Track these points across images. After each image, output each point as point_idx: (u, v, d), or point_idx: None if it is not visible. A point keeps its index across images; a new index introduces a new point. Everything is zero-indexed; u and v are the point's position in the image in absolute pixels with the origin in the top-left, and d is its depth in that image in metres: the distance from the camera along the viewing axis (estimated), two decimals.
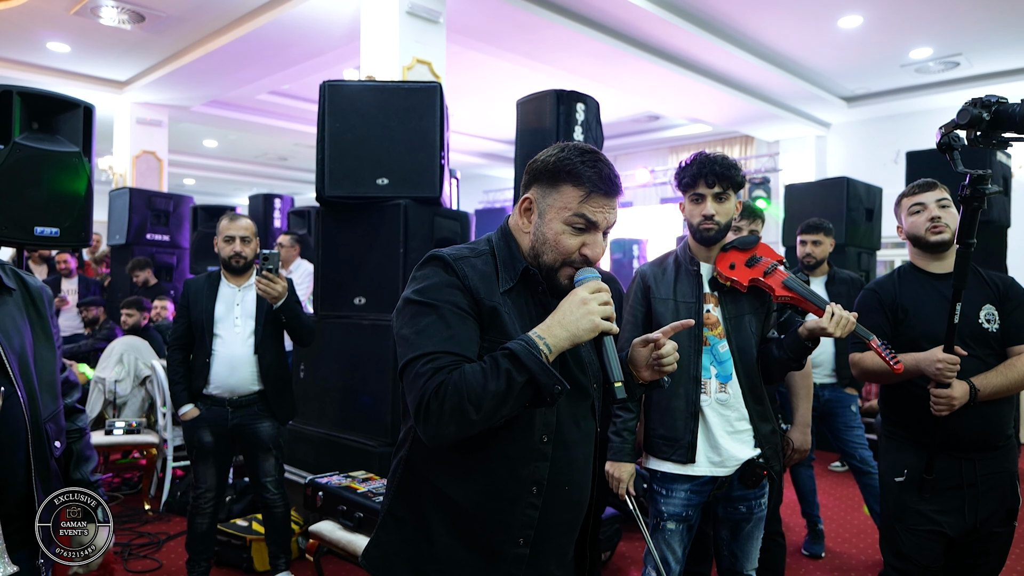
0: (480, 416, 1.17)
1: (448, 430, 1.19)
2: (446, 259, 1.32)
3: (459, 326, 1.26)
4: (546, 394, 1.19)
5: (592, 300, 1.24)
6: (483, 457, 1.30)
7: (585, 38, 6.89)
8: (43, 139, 3.36)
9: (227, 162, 14.87)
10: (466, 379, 1.18)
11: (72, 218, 3.43)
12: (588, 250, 1.32)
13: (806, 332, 2.03)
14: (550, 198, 1.34)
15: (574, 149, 1.34)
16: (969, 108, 1.84)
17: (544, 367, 1.18)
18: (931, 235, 2.25)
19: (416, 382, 1.21)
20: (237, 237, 3.17)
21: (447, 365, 1.20)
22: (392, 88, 3.82)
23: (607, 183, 1.31)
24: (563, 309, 1.25)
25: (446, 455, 1.30)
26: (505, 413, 1.20)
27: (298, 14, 6.46)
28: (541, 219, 1.34)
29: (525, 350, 1.19)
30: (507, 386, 1.17)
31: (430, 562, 1.31)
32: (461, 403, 1.16)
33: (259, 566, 3.49)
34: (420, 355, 1.23)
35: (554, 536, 1.35)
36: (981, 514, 2.16)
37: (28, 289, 1.57)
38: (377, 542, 1.39)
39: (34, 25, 7.08)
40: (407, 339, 1.27)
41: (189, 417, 3.11)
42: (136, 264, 6.43)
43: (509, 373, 1.17)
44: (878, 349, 2.01)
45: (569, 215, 1.31)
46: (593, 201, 1.30)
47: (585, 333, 1.23)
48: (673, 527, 2.17)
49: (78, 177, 3.44)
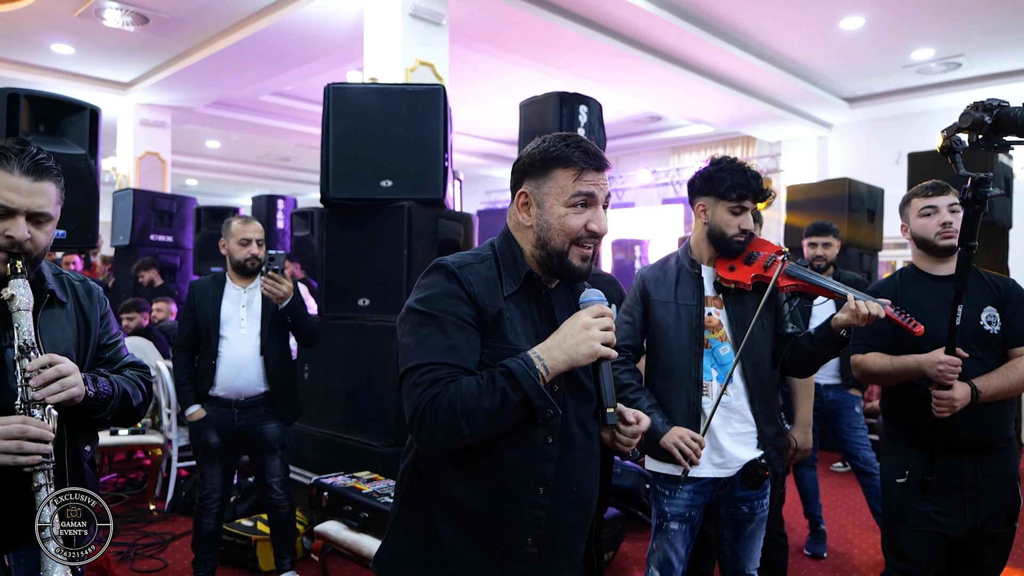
0: (472, 431, 1.21)
1: (440, 441, 1.23)
2: (450, 268, 1.33)
3: (458, 337, 1.29)
4: (539, 416, 1.24)
5: (595, 325, 1.27)
6: (489, 459, 1.32)
7: (587, 39, 6.91)
8: (50, 142, 3.37)
9: (230, 163, 14.91)
10: (461, 394, 1.21)
11: (79, 220, 3.45)
12: (593, 225, 1.35)
13: (837, 325, 2.00)
14: (545, 187, 1.37)
15: (555, 137, 1.39)
16: (971, 112, 1.85)
17: (539, 390, 1.22)
18: (941, 240, 2.26)
19: (413, 392, 1.25)
20: (254, 240, 3.20)
21: (444, 377, 1.24)
22: (396, 91, 3.84)
23: (595, 158, 1.36)
24: (564, 331, 1.28)
25: (452, 458, 1.32)
26: (498, 429, 1.24)
27: (301, 16, 6.49)
28: (541, 208, 1.37)
29: (523, 370, 1.22)
30: (501, 404, 1.21)
31: (440, 565, 1.33)
32: (454, 417, 1.20)
33: (264, 566, 3.51)
34: (418, 365, 1.26)
35: (562, 537, 1.37)
36: (982, 515, 2.18)
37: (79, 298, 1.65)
38: (388, 546, 1.41)
39: (38, 27, 7.12)
40: (407, 348, 1.30)
41: (196, 418, 3.13)
42: (141, 264, 6.46)
43: (504, 392, 1.21)
44: (893, 315, 1.99)
45: (568, 196, 1.35)
46: (586, 177, 1.35)
47: (583, 358, 1.26)
48: (676, 527, 2.18)
49: (85, 179, 3.46)
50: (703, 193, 2.19)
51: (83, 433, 1.60)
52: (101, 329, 1.70)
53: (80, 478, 1.55)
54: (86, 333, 1.64)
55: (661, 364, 2.22)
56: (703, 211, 2.20)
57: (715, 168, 2.16)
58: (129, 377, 1.69)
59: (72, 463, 1.54)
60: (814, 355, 2.12)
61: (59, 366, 1.43)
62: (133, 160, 9.36)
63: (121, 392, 1.62)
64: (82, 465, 1.58)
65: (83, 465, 1.59)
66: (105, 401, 1.57)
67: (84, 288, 1.68)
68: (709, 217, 2.18)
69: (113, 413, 1.60)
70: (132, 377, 1.70)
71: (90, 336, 1.65)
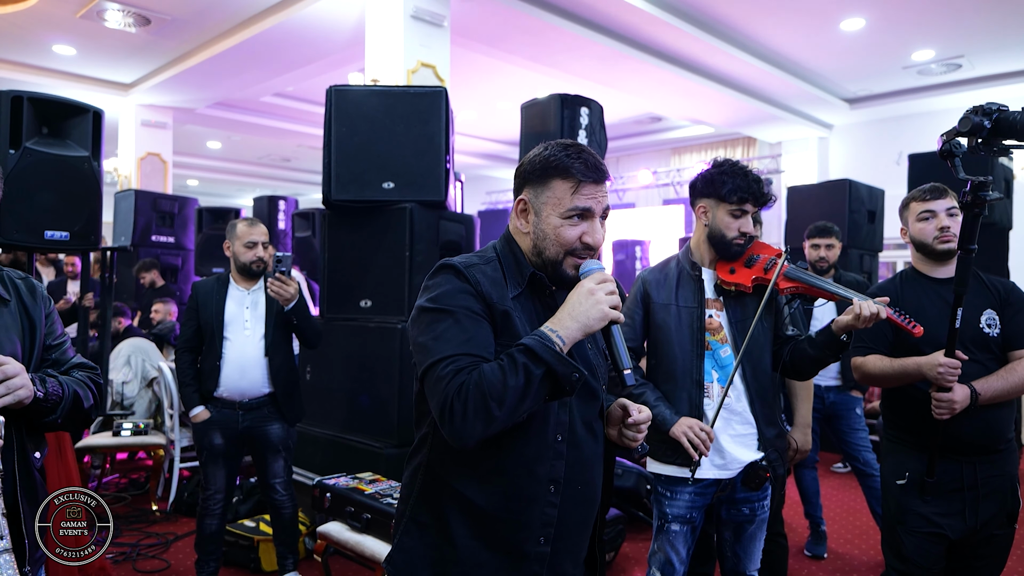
0: (503, 412, 1.20)
1: (474, 429, 1.21)
2: (458, 267, 1.35)
3: (475, 329, 1.29)
4: (565, 383, 1.22)
5: (599, 290, 1.28)
6: (501, 458, 1.33)
7: (588, 41, 6.92)
8: (53, 144, 3.39)
9: (231, 163, 14.92)
10: (486, 377, 1.20)
11: (82, 222, 3.47)
12: (588, 238, 1.36)
13: (839, 328, 2.02)
14: (543, 196, 1.38)
15: (557, 146, 1.39)
16: (970, 116, 1.86)
17: (560, 357, 1.21)
18: (939, 244, 2.27)
19: (438, 386, 1.24)
20: (259, 243, 3.21)
21: (467, 366, 1.23)
22: (398, 93, 3.85)
23: (594, 171, 1.36)
24: (571, 301, 1.28)
25: (465, 458, 1.33)
26: (527, 407, 1.23)
27: (303, 17, 6.50)
28: (538, 217, 1.38)
29: (539, 343, 1.22)
30: (526, 380, 1.20)
31: (453, 565, 1.34)
32: (484, 401, 1.19)
33: (267, 566, 3.53)
34: (440, 359, 1.25)
35: (569, 535, 1.39)
36: (982, 517, 2.19)
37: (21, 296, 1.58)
38: (401, 547, 1.41)
39: (40, 28, 7.13)
40: (425, 346, 1.30)
41: (200, 420, 3.13)
42: (143, 266, 6.46)
43: (527, 367, 1.20)
44: (893, 316, 1.99)
45: (564, 208, 1.35)
46: (584, 190, 1.35)
47: (595, 322, 1.26)
48: (677, 528, 2.19)
49: (87, 181, 3.47)
50: (704, 195, 2.19)
51: (32, 438, 1.53)
52: (46, 329, 1.62)
53: (31, 486, 1.49)
54: (31, 332, 1.57)
55: (663, 366, 2.23)
56: (704, 213, 2.20)
57: (717, 171, 2.16)
58: (79, 378, 1.60)
59: (23, 470, 1.47)
60: (814, 358, 2.13)
61: (4, 367, 1.35)
62: (135, 161, 9.38)
63: (71, 393, 1.53)
64: (33, 473, 1.52)
65: (34, 473, 1.53)
66: (55, 403, 1.49)
67: (27, 286, 1.61)
68: (710, 219, 2.18)
69: (64, 415, 1.52)
70: (81, 378, 1.61)
71: (35, 335, 1.58)
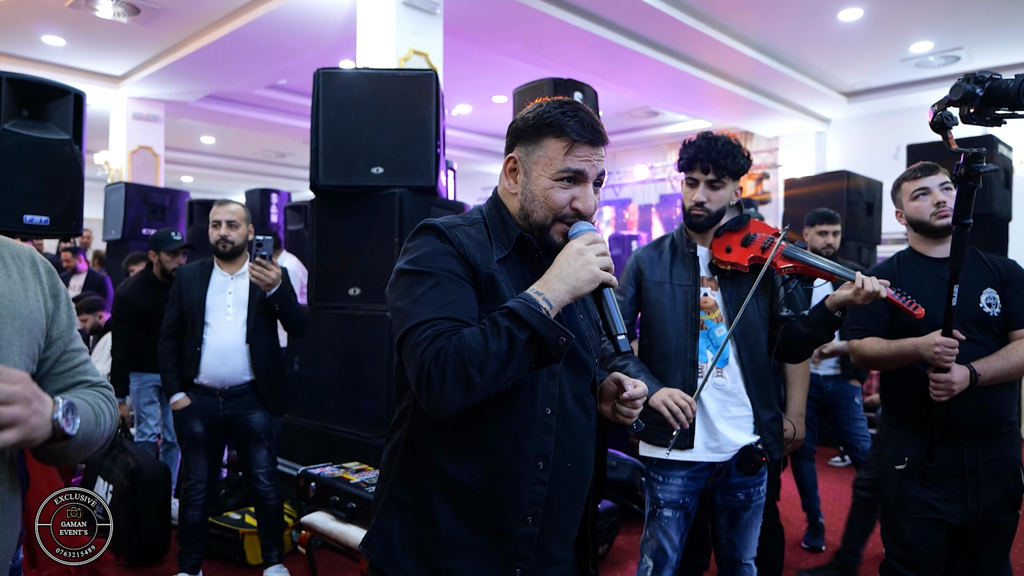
0: (484, 379, 1.11)
1: (453, 398, 1.11)
2: (440, 227, 1.26)
3: (457, 292, 1.21)
4: (551, 348, 1.13)
5: (589, 251, 1.19)
6: (486, 433, 1.24)
7: (584, 31, 6.86)
8: (33, 126, 3.31)
9: (225, 159, 14.84)
10: (466, 342, 1.11)
11: (63, 207, 3.39)
12: (579, 203, 1.27)
13: (833, 304, 1.96)
14: (534, 155, 1.29)
15: (553, 103, 1.30)
16: (962, 83, 1.80)
17: (546, 320, 1.13)
18: (937, 220, 2.22)
19: (415, 352, 1.14)
20: (223, 221, 3.12)
21: (446, 331, 1.14)
22: (387, 76, 3.78)
23: (590, 131, 1.26)
24: (560, 263, 1.20)
25: (447, 433, 1.25)
26: (511, 375, 1.14)
27: (294, 6, 6.43)
28: (527, 177, 1.30)
29: (524, 306, 1.13)
30: (509, 345, 1.11)
31: (434, 546, 1.26)
32: (464, 367, 1.10)
33: (251, 559, 3.45)
34: (418, 323, 1.16)
35: (559, 515, 1.31)
36: (984, 502, 2.13)
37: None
38: (379, 528, 1.32)
39: (29, 18, 7.04)
40: (403, 310, 1.21)
41: (180, 407, 3.07)
42: (132, 259, 6.37)
43: (510, 331, 1.11)
44: (893, 296, 1.94)
45: (555, 169, 1.26)
46: (578, 151, 1.26)
47: (585, 284, 1.18)
48: (670, 514, 2.13)
49: (68, 165, 3.39)
50: (680, 170, 2.16)
51: None
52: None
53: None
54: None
55: (656, 345, 2.16)
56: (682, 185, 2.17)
57: (683, 144, 2.13)
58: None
59: None
60: (808, 337, 2.06)
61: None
62: (126, 154, 9.28)
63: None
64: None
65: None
66: None
67: None
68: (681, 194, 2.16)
69: None
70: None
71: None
